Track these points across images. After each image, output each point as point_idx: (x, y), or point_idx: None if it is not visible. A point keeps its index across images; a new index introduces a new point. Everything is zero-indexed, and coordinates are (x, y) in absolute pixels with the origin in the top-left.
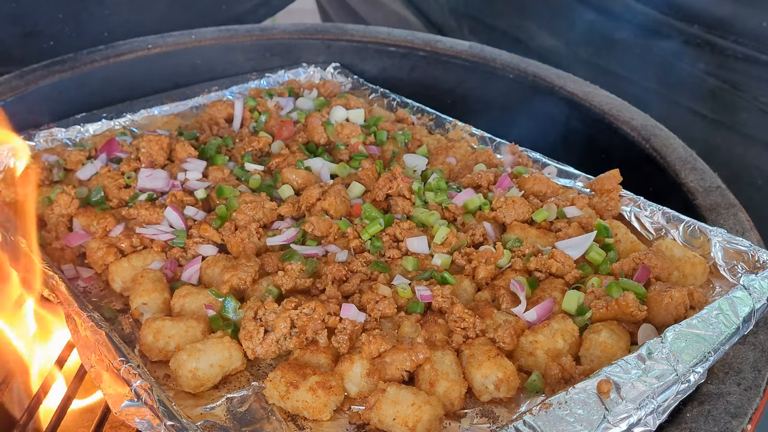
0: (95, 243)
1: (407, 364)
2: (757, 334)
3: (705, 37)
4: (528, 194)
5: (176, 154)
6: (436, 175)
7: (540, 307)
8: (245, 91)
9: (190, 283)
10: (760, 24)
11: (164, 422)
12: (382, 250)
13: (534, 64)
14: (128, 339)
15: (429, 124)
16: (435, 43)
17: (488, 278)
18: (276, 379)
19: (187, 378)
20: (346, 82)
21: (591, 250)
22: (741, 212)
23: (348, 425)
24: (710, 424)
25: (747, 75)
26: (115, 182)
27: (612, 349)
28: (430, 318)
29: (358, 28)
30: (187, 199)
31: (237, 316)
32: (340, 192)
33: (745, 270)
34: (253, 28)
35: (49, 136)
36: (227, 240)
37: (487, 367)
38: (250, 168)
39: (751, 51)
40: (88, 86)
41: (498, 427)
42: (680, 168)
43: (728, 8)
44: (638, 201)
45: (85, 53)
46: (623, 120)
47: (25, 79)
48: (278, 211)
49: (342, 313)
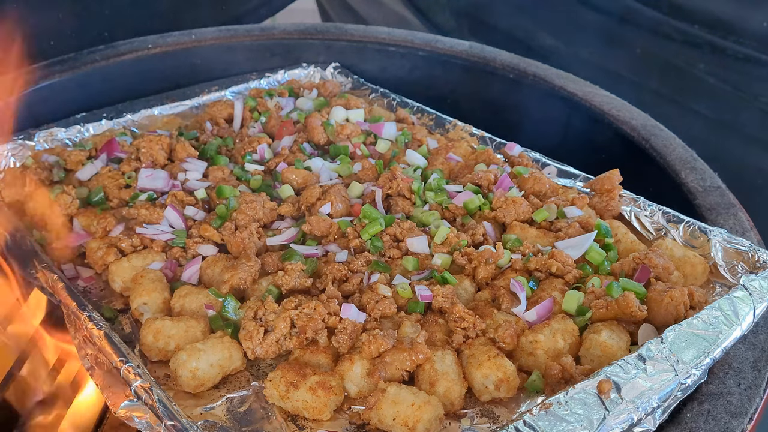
0: (95, 243)
1: (407, 364)
2: (757, 334)
3: (705, 37)
4: (528, 194)
5: (176, 154)
6: (436, 175)
7: (540, 307)
8: (245, 91)
9: (190, 283)
10: (761, 24)
11: (164, 422)
12: (382, 250)
13: (534, 64)
14: (128, 339)
15: (429, 124)
16: (435, 43)
17: (488, 278)
18: (276, 379)
19: (187, 378)
20: (346, 82)
21: (591, 250)
22: (741, 212)
23: (348, 425)
24: (710, 424)
25: (747, 75)
26: (115, 182)
27: (612, 349)
28: (430, 318)
29: (358, 28)
30: (187, 199)
31: (237, 316)
32: (340, 192)
33: (745, 270)
34: (253, 28)
35: (49, 136)
36: (227, 240)
37: (487, 367)
38: (250, 168)
39: (751, 51)
40: (88, 86)
41: (498, 427)
42: (680, 168)
43: (728, 8)
44: (638, 201)
45: (85, 53)
46: (623, 120)
47: (25, 79)
48: (278, 211)
49: (342, 313)
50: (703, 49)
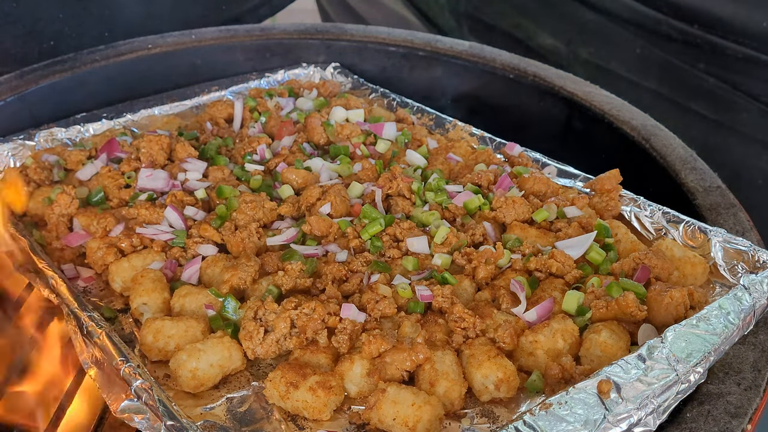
0: (95, 243)
1: (407, 364)
2: (757, 334)
3: (705, 37)
4: (528, 194)
5: (176, 154)
6: (436, 175)
7: (540, 307)
8: (245, 91)
9: (190, 283)
10: (760, 24)
11: (164, 422)
12: (382, 250)
13: (534, 64)
14: (128, 339)
15: (429, 124)
16: (435, 43)
17: (488, 278)
18: (276, 379)
19: (187, 378)
20: (346, 82)
21: (591, 250)
22: (741, 212)
23: (348, 425)
24: (710, 424)
25: (747, 75)
26: (115, 182)
27: (612, 349)
28: (430, 318)
29: (358, 28)
30: (187, 199)
31: (237, 316)
32: (340, 192)
33: (745, 270)
34: (253, 28)
35: (49, 136)
36: (227, 240)
37: (487, 367)
38: (250, 168)
39: (751, 51)
40: (88, 86)
41: (498, 427)
42: (680, 168)
43: (728, 8)
44: (638, 201)
45: (85, 53)
46: (623, 120)
47: (25, 79)
48: (278, 211)
49: (342, 313)
50: (703, 49)
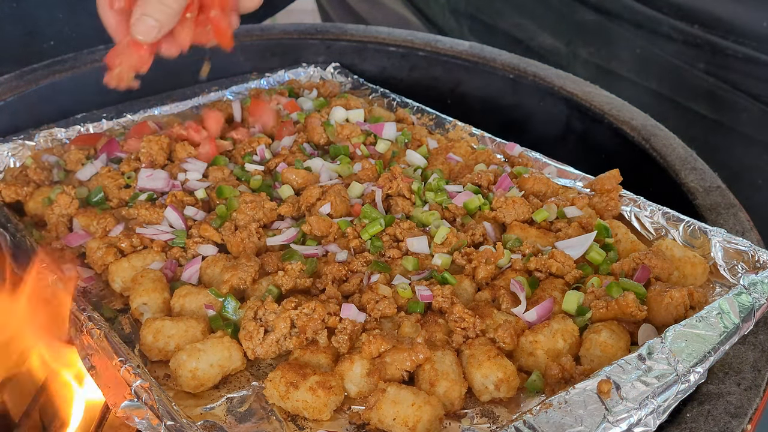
0: (95, 243)
1: (407, 364)
2: (757, 334)
3: (705, 37)
4: (528, 194)
5: (176, 154)
6: (436, 175)
7: (540, 307)
8: (245, 91)
9: (190, 283)
10: (760, 24)
11: (164, 422)
12: (382, 250)
13: (534, 64)
14: (128, 339)
15: (429, 124)
16: (435, 43)
17: (488, 278)
18: (276, 379)
19: (187, 378)
20: (346, 82)
21: (591, 250)
22: (741, 212)
23: (348, 425)
24: (710, 424)
25: (747, 75)
26: (115, 182)
27: (612, 349)
28: (430, 318)
29: (358, 28)
30: (187, 199)
31: (237, 316)
32: (340, 192)
33: (745, 270)
34: (253, 28)
35: (49, 136)
36: (227, 240)
37: (487, 367)
38: (250, 168)
39: (751, 51)
40: (88, 86)
41: (498, 427)
42: (680, 168)
43: (728, 8)
44: (638, 201)
45: (85, 53)
46: (623, 120)
47: (25, 79)
48: (278, 211)
49: (342, 313)
50: (703, 49)
